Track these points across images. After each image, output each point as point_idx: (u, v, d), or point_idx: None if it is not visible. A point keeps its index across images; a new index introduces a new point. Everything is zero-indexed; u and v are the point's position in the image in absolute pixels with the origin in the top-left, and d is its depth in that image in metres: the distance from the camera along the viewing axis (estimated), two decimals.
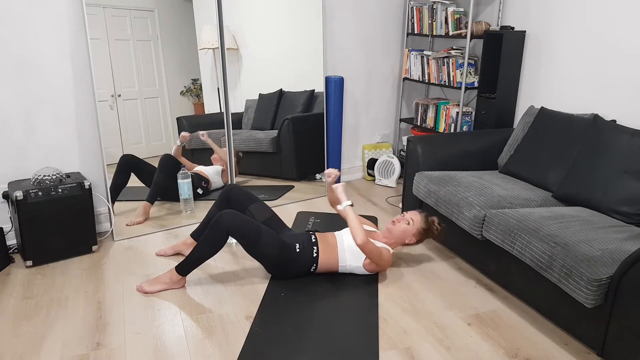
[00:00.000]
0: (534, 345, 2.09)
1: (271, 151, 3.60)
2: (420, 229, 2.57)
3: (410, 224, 2.56)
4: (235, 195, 2.71)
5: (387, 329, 2.18)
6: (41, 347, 2.05)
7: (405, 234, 2.56)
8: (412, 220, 2.58)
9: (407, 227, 2.56)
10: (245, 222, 2.39)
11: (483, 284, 2.57)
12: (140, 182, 3.18)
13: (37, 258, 2.71)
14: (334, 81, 3.72)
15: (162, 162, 3.17)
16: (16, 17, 2.69)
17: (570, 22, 2.99)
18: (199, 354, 2.01)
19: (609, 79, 2.79)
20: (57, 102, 2.90)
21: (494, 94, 3.37)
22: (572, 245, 1.99)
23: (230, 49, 3.33)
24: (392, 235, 2.58)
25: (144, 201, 3.16)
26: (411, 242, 2.60)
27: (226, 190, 2.73)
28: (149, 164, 3.20)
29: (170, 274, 2.46)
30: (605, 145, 2.48)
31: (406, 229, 2.56)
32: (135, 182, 3.17)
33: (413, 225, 2.56)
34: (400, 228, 2.56)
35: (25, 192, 2.60)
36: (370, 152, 4.22)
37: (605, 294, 1.86)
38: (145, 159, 3.19)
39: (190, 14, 3.18)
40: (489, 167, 3.16)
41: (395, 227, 2.57)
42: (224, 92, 3.36)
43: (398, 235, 2.57)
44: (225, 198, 2.72)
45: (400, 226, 2.57)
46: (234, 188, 2.74)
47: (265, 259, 2.45)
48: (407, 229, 2.56)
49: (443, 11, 3.60)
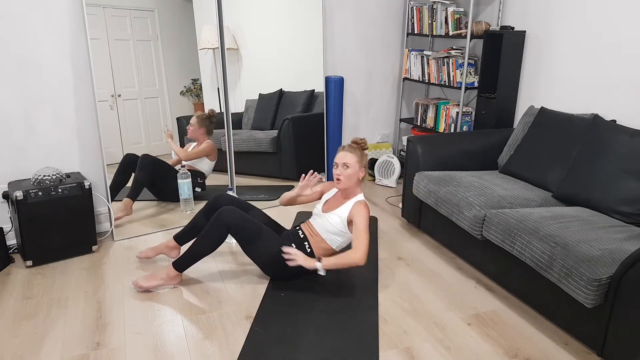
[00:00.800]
0: (534, 345, 2.09)
1: (271, 151, 3.60)
2: (358, 160, 2.44)
3: (349, 167, 2.42)
4: (225, 203, 2.63)
5: (387, 329, 2.18)
6: (41, 347, 2.05)
7: (353, 177, 2.44)
8: (346, 164, 2.41)
9: (349, 172, 2.42)
10: (246, 219, 2.39)
11: (483, 284, 2.57)
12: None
13: (37, 258, 2.71)
14: (334, 81, 3.72)
15: (141, 161, 3.12)
16: (16, 17, 2.69)
17: (570, 22, 2.99)
18: (199, 354, 2.01)
19: (609, 79, 2.79)
20: (57, 102, 2.90)
21: (494, 94, 3.37)
22: (572, 245, 1.99)
23: (230, 49, 3.34)
24: (349, 190, 2.48)
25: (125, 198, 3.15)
26: (363, 175, 2.49)
27: (214, 199, 2.65)
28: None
29: (167, 270, 2.46)
30: (605, 145, 2.48)
31: (350, 174, 2.42)
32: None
33: (350, 166, 2.42)
34: (347, 180, 2.43)
35: (25, 192, 2.60)
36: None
37: (605, 294, 1.86)
38: None
39: (190, 14, 3.18)
40: (489, 167, 3.16)
41: (342, 183, 2.43)
42: (224, 92, 3.37)
43: (350, 184, 2.45)
44: (213, 206, 2.62)
45: (345, 180, 2.43)
46: (222, 197, 2.66)
47: (262, 259, 2.45)
48: (350, 173, 2.42)
49: (443, 11, 3.60)
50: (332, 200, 2.57)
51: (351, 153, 2.44)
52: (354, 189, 2.49)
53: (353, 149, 2.47)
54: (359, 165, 2.45)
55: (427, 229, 3.05)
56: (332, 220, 2.45)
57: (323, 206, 2.57)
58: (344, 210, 2.45)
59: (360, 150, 2.47)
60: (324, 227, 2.47)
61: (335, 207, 2.49)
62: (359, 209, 2.41)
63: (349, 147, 2.47)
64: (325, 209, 2.55)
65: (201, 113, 3.28)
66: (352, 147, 2.48)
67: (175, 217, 3.27)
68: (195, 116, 3.27)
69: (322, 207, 2.57)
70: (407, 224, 3.32)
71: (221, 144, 3.41)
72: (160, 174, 3.23)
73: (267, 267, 2.51)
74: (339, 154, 2.48)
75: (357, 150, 2.46)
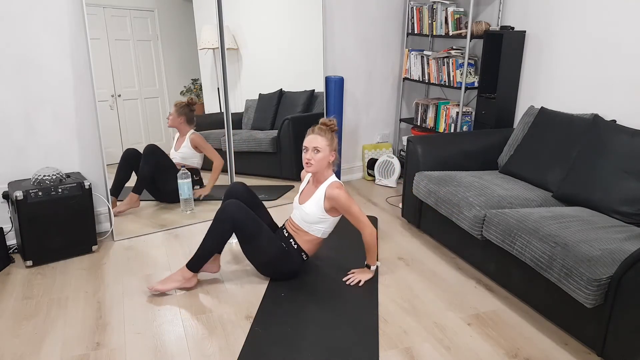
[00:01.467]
0: (534, 345, 2.09)
1: (271, 151, 3.60)
2: (328, 144, 2.38)
3: (319, 151, 2.37)
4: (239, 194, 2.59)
5: (387, 329, 2.18)
6: (41, 347, 2.05)
7: (324, 161, 2.39)
8: (317, 148, 2.36)
9: (320, 156, 2.37)
10: (251, 216, 2.37)
11: (483, 284, 2.57)
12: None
13: (37, 258, 2.71)
14: (334, 81, 3.72)
15: (145, 154, 3.12)
16: (16, 17, 2.69)
17: (570, 22, 2.99)
18: (199, 354, 2.01)
19: (609, 79, 2.79)
20: (57, 102, 2.90)
21: (494, 94, 3.37)
22: (572, 245, 1.99)
23: (230, 49, 3.33)
24: (319, 174, 2.44)
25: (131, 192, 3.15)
26: (333, 159, 2.44)
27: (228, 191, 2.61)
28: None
29: (182, 272, 2.43)
30: (605, 145, 2.48)
31: (321, 159, 2.37)
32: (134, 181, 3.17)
33: (321, 150, 2.37)
34: (318, 164, 2.38)
35: (25, 192, 2.60)
36: (370, 152, 4.22)
37: (605, 294, 1.86)
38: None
39: (190, 14, 3.18)
40: (489, 167, 3.16)
41: (313, 167, 2.38)
42: (224, 92, 3.36)
43: (321, 168, 2.41)
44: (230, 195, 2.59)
45: (316, 164, 2.37)
46: (236, 188, 2.60)
47: (259, 257, 2.45)
48: (321, 157, 2.37)
49: (443, 11, 3.60)
50: (305, 189, 2.55)
51: (321, 136, 2.37)
52: (324, 172, 2.44)
53: (323, 131, 2.39)
54: (329, 148, 2.39)
55: (427, 229, 3.05)
56: (308, 210, 2.44)
57: (299, 197, 2.55)
58: (318, 197, 2.43)
59: (330, 133, 2.40)
60: (302, 219, 2.47)
61: (310, 196, 2.47)
62: (335, 195, 2.36)
63: (319, 130, 2.39)
64: (301, 199, 2.53)
65: (180, 101, 3.22)
66: (322, 129, 2.39)
67: (176, 217, 3.27)
68: (174, 104, 3.20)
69: (299, 198, 2.55)
70: (407, 224, 3.32)
71: (221, 144, 3.41)
72: (162, 169, 3.21)
73: (262, 267, 2.51)
74: (309, 137, 2.39)
75: (327, 133, 2.39)
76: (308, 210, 2.44)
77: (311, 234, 2.48)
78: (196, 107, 3.27)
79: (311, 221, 2.45)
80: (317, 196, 2.44)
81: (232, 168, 3.46)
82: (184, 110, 3.23)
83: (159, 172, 3.20)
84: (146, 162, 3.11)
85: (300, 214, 2.48)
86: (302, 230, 2.49)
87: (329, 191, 2.40)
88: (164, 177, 3.24)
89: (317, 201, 2.43)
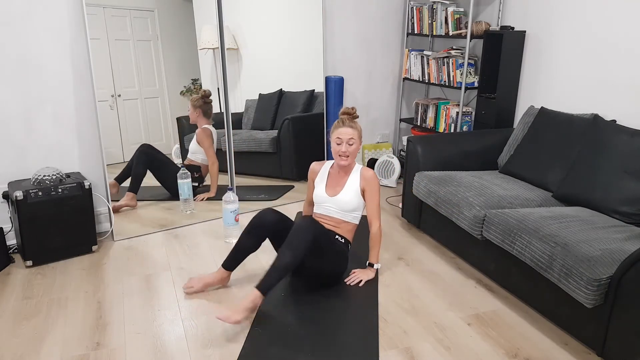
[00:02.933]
0: (534, 345, 2.09)
1: (271, 151, 3.60)
2: (360, 135, 2.43)
3: (354, 143, 2.41)
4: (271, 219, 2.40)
5: (387, 329, 2.18)
6: (41, 347, 2.05)
7: (357, 151, 2.44)
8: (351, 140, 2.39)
9: (354, 147, 2.41)
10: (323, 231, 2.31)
11: (483, 284, 2.57)
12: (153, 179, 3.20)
13: (37, 258, 2.71)
14: (334, 81, 3.72)
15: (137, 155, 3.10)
16: (16, 17, 2.69)
17: (570, 22, 2.99)
18: (199, 354, 2.01)
19: (609, 79, 2.79)
20: (57, 102, 2.90)
21: (494, 94, 3.37)
22: (572, 245, 1.99)
23: (230, 49, 3.33)
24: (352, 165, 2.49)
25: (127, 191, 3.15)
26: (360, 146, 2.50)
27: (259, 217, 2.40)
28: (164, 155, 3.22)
29: (253, 297, 2.10)
30: (605, 145, 2.48)
31: (355, 150, 2.42)
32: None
33: (355, 141, 2.41)
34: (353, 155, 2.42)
35: (25, 192, 2.60)
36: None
37: (605, 294, 1.86)
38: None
39: (190, 14, 3.18)
40: (489, 167, 3.16)
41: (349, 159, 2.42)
42: (224, 92, 3.36)
43: (354, 159, 2.46)
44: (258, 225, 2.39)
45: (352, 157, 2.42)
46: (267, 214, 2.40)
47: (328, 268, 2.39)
48: (355, 148, 2.42)
49: (443, 11, 3.60)
50: (330, 181, 2.52)
51: (352, 128, 2.41)
52: (354, 159, 2.48)
53: (353, 122, 2.42)
54: (359, 139, 2.44)
55: (427, 229, 3.05)
56: (347, 198, 2.43)
57: (327, 191, 2.50)
58: (352, 182, 2.45)
59: (356, 122, 2.45)
60: (341, 209, 2.45)
61: (341, 185, 2.47)
62: (371, 176, 2.44)
63: (350, 121, 2.42)
64: (331, 192, 2.49)
65: (195, 95, 3.22)
66: (351, 120, 2.42)
67: (176, 217, 3.27)
68: (190, 100, 3.21)
69: (326, 191, 2.50)
70: (407, 224, 3.32)
71: (221, 144, 3.41)
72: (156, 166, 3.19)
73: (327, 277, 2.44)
74: (341, 130, 2.40)
75: (355, 123, 2.44)
76: (347, 198, 2.43)
77: (351, 222, 2.48)
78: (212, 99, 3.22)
79: (350, 209, 2.45)
80: (351, 182, 2.45)
81: (232, 168, 3.46)
82: (198, 103, 3.22)
83: (154, 170, 3.19)
84: (139, 162, 3.12)
85: (337, 205, 2.45)
86: (343, 221, 2.48)
87: (364, 172, 2.46)
88: (160, 174, 3.22)
89: (353, 187, 2.44)
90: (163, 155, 3.23)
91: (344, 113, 2.44)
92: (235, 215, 2.97)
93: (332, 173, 2.54)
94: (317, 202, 2.53)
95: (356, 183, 2.46)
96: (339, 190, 2.47)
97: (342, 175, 2.50)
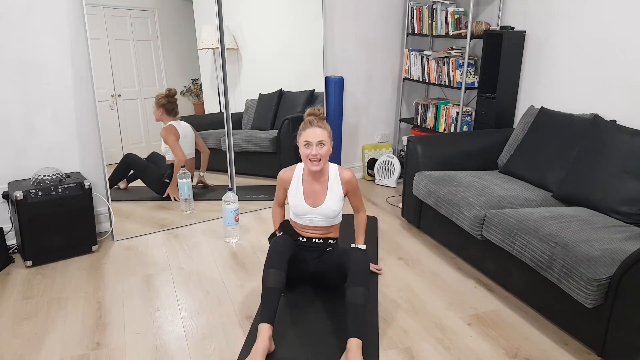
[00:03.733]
0: (534, 345, 2.09)
1: (271, 151, 3.60)
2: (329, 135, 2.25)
3: (324, 144, 2.21)
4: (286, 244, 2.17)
5: (387, 329, 2.18)
6: (41, 347, 2.05)
7: (329, 153, 2.26)
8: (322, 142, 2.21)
9: (326, 149, 2.22)
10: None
11: (483, 284, 2.57)
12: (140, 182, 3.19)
13: (37, 258, 2.71)
14: (334, 81, 3.72)
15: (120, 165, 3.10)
16: (16, 17, 2.69)
17: (570, 22, 2.99)
18: (199, 354, 2.01)
19: (609, 79, 2.79)
20: (57, 102, 2.90)
21: (494, 94, 3.37)
22: (572, 245, 1.99)
23: (230, 49, 3.33)
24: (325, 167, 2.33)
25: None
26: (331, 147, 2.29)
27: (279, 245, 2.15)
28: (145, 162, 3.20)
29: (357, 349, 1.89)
30: (605, 145, 2.48)
31: (327, 152, 2.23)
32: (137, 182, 3.17)
33: (325, 142, 2.22)
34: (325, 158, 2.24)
35: (25, 192, 2.60)
36: (370, 152, 4.22)
37: (605, 294, 1.86)
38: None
39: (190, 14, 3.18)
40: (489, 167, 3.16)
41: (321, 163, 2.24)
42: (224, 92, 3.36)
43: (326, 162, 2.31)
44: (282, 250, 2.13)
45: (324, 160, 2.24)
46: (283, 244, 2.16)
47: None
48: (326, 150, 2.23)
49: (443, 11, 3.60)
50: (308, 189, 2.32)
51: (321, 128, 2.22)
52: (326, 162, 2.31)
53: (321, 122, 2.24)
54: (329, 140, 2.25)
55: (427, 229, 3.05)
56: (333, 207, 2.30)
57: (306, 201, 2.31)
58: (336, 188, 2.31)
59: (324, 122, 2.26)
60: (329, 217, 2.31)
61: (322, 193, 2.31)
62: (350, 177, 2.32)
63: (318, 121, 2.23)
64: (312, 202, 2.31)
65: (159, 93, 3.15)
66: (319, 120, 2.24)
67: (176, 217, 3.27)
68: (154, 97, 3.15)
69: (306, 201, 2.31)
70: (407, 224, 3.32)
71: (221, 144, 3.41)
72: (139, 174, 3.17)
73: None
74: (309, 131, 2.21)
75: (324, 123, 2.25)
76: (333, 207, 2.29)
77: (337, 222, 2.39)
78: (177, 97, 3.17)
79: (336, 214, 2.32)
80: (333, 188, 2.31)
81: (232, 168, 3.46)
82: (162, 102, 3.16)
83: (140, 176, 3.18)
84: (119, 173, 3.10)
85: (323, 215, 2.30)
86: (332, 226, 2.37)
87: (343, 175, 2.32)
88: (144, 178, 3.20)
89: (336, 193, 2.30)
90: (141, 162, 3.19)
91: (311, 114, 2.27)
92: (235, 215, 2.97)
93: (305, 180, 2.34)
94: (296, 214, 2.35)
95: (338, 188, 2.31)
96: (321, 199, 2.30)
97: (319, 180, 2.32)
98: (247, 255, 2.84)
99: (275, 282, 2.02)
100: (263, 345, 1.92)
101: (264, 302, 2.00)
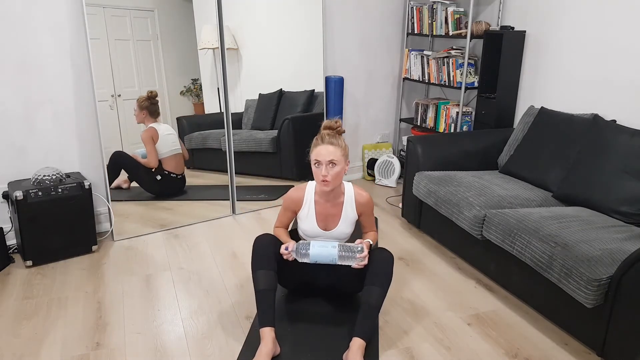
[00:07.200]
0: (534, 345, 2.09)
1: (271, 151, 3.60)
2: (343, 153, 2.03)
3: (336, 164, 2.00)
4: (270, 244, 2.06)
5: (387, 329, 2.18)
6: (41, 347, 2.05)
7: (341, 174, 2.04)
8: (333, 162, 1.99)
9: (337, 170, 2.01)
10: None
11: (483, 284, 2.57)
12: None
13: (37, 258, 2.71)
14: (334, 81, 3.72)
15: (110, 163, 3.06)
16: (16, 17, 2.69)
17: (570, 22, 2.99)
18: (199, 354, 2.01)
19: (609, 79, 2.79)
20: (57, 102, 2.90)
21: (494, 94, 3.37)
22: (572, 245, 1.99)
23: (230, 49, 3.33)
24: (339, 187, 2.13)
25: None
26: (347, 168, 2.09)
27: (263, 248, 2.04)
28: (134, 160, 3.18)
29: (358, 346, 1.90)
30: (605, 145, 2.48)
31: (338, 172, 2.02)
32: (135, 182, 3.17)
33: (337, 162, 2.00)
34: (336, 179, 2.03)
35: (25, 192, 2.60)
36: (370, 152, 4.22)
37: (605, 294, 1.86)
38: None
39: (190, 14, 3.18)
40: (489, 167, 3.16)
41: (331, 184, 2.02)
42: (224, 92, 3.36)
43: (338, 183, 2.07)
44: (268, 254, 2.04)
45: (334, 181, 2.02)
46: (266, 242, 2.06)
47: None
48: (338, 170, 2.01)
49: (443, 11, 3.60)
50: (320, 211, 2.15)
51: (334, 145, 1.99)
52: (340, 182, 2.12)
53: (335, 138, 2.01)
54: (344, 158, 2.03)
55: (427, 229, 3.05)
56: (346, 230, 2.18)
57: (319, 224, 2.16)
58: (350, 213, 2.15)
59: (340, 137, 2.04)
60: (339, 238, 2.20)
61: (336, 217, 2.15)
62: (366, 201, 2.13)
63: (330, 138, 2.01)
64: (323, 225, 2.17)
65: (141, 96, 3.12)
66: (332, 135, 2.01)
67: (175, 218, 3.27)
68: (136, 100, 3.11)
69: (319, 225, 2.16)
70: (407, 224, 3.32)
71: (221, 144, 3.41)
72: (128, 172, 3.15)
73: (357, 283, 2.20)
74: (319, 149, 2.00)
75: (338, 139, 2.02)
76: (346, 230, 2.16)
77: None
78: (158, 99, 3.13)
79: (348, 237, 2.20)
80: (347, 213, 2.14)
81: (232, 168, 3.46)
82: (144, 104, 3.13)
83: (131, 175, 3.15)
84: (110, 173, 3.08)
85: (335, 238, 2.18)
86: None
87: (359, 199, 2.13)
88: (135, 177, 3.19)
89: (349, 218, 2.14)
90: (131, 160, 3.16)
91: (327, 127, 2.05)
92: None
93: (318, 201, 2.15)
94: (307, 236, 2.20)
95: (352, 212, 2.15)
96: (334, 223, 2.15)
97: (333, 202, 2.14)
98: (247, 256, 2.84)
99: (267, 283, 1.97)
100: (267, 348, 1.90)
101: (259, 305, 1.97)
